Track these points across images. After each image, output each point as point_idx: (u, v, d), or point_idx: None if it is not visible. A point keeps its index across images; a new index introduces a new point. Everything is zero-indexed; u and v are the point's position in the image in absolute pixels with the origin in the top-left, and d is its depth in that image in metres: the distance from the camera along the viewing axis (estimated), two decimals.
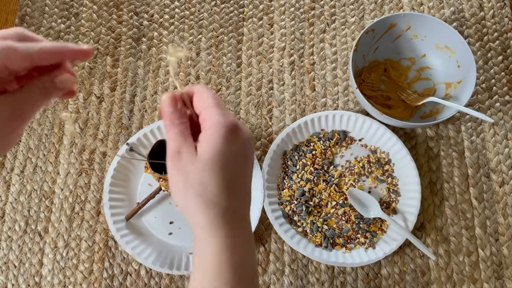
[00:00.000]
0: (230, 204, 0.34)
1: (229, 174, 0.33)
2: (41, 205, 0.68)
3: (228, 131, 0.32)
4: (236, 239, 0.35)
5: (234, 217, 0.34)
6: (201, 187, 0.33)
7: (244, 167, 0.35)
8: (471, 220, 0.66)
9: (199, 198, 0.33)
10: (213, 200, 0.33)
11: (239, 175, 0.34)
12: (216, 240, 0.34)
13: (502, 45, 0.75)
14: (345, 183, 0.67)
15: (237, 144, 0.33)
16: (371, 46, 0.71)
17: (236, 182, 0.34)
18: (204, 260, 0.35)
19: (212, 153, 0.32)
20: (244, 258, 0.35)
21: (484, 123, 0.71)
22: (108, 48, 0.76)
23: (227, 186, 0.33)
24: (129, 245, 0.62)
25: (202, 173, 0.32)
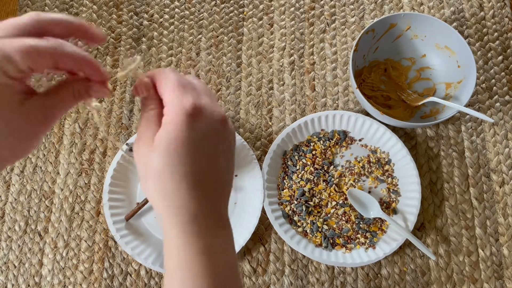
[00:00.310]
0: (189, 193, 0.31)
1: (189, 162, 0.30)
2: (41, 205, 0.68)
3: (186, 115, 0.30)
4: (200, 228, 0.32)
5: (197, 206, 0.32)
6: (158, 176, 0.30)
7: (213, 153, 0.32)
8: (471, 220, 0.66)
9: (158, 188, 0.31)
10: (170, 190, 0.31)
11: (205, 163, 0.31)
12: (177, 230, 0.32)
13: (502, 45, 0.75)
14: (345, 183, 0.67)
15: (200, 129, 0.30)
16: (371, 46, 0.71)
17: (199, 169, 0.31)
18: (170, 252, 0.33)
19: (166, 140, 0.30)
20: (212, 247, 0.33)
21: (484, 123, 0.71)
22: (108, 48, 0.76)
23: (185, 174, 0.30)
24: (129, 245, 0.62)
25: (157, 161, 0.30)
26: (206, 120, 0.31)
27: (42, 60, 0.29)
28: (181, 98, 0.30)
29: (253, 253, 0.65)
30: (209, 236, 0.33)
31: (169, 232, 0.32)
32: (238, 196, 0.67)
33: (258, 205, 0.64)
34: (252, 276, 0.64)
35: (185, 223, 0.32)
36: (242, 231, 0.64)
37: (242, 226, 0.64)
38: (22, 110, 0.29)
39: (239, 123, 0.72)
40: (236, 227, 0.64)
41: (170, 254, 0.33)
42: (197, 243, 0.32)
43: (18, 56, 0.27)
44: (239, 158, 0.67)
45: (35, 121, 0.30)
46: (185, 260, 0.32)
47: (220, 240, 0.34)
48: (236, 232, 0.64)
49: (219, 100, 0.73)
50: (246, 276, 0.64)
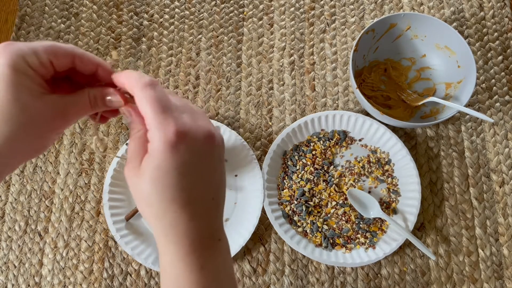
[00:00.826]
0: (178, 216, 0.32)
1: (175, 188, 0.31)
2: (41, 205, 0.68)
3: (168, 145, 0.30)
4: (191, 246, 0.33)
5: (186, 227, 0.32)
6: (147, 201, 0.32)
7: (200, 173, 0.32)
8: (471, 220, 0.66)
9: (148, 211, 0.32)
10: (160, 214, 0.32)
11: (192, 185, 0.32)
12: (170, 249, 0.33)
13: (502, 45, 0.75)
14: (345, 183, 0.67)
15: (184, 154, 0.30)
16: (371, 46, 0.71)
17: (187, 194, 0.31)
18: (164, 268, 0.34)
19: (151, 169, 0.30)
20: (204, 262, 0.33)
21: (484, 123, 0.71)
22: (108, 48, 0.76)
23: (173, 200, 0.31)
24: (129, 245, 0.62)
25: (145, 187, 0.31)
26: (190, 143, 0.31)
27: (61, 56, 0.32)
28: (163, 126, 0.30)
29: (253, 253, 0.65)
30: (202, 253, 0.33)
31: (163, 250, 0.33)
32: (238, 196, 0.67)
33: (258, 205, 0.64)
34: (252, 276, 0.64)
35: (177, 241, 0.32)
36: (242, 231, 0.64)
37: (242, 226, 0.64)
38: (39, 101, 0.31)
39: (239, 123, 0.72)
40: (236, 227, 0.64)
41: (165, 269, 0.34)
42: (190, 260, 0.33)
43: (41, 49, 0.31)
44: (239, 158, 0.67)
45: (51, 116, 0.32)
46: (179, 276, 0.33)
47: (215, 256, 0.34)
48: (236, 232, 0.64)
49: (219, 100, 0.73)
50: (246, 276, 0.64)
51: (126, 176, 0.33)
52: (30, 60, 0.31)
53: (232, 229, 0.65)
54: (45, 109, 0.32)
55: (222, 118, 0.72)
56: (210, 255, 0.34)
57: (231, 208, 0.67)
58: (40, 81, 0.32)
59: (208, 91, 0.74)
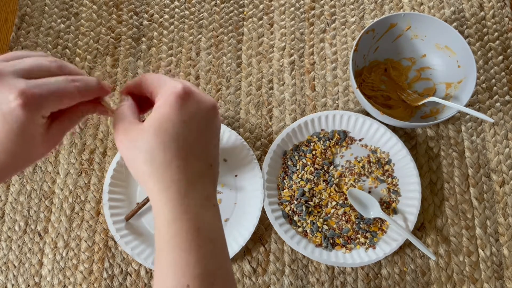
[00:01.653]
0: (181, 170, 0.32)
1: (180, 141, 0.32)
2: (41, 205, 0.68)
3: (177, 97, 0.32)
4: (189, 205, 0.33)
5: (188, 183, 0.33)
6: (149, 155, 0.32)
7: (202, 134, 0.34)
8: (471, 220, 0.66)
9: (150, 168, 0.32)
10: (162, 168, 0.32)
11: (194, 141, 0.33)
12: (167, 208, 0.33)
13: (503, 45, 0.75)
14: (345, 183, 0.67)
15: (189, 109, 0.32)
16: (371, 46, 0.71)
17: (189, 148, 0.33)
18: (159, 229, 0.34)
19: (158, 121, 0.32)
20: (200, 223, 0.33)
21: (485, 123, 0.71)
22: (108, 48, 0.76)
23: (178, 152, 0.32)
24: (129, 245, 0.62)
25: (148, 141, 0.32)
26: (196, 103, 0.33)
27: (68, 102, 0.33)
28: (172, 82, 0.32)
29: (253, 253, 0.65)
30: (199, 214, 0.34)
31: (160, 209, 0.33)
32: (238, 196, 0.67)
33: (258, 205, 0.64)
34: (252, 276, 0.64)
35: (175, 199, 0.33)
36: (242, 231, 0.64)
37: (242, 226, 0.64)
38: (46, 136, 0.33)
39: (239, 123, 0.72)
40: (236, 227, 0.64)
41: (159, 230, 0.34)
42: (186, 218, 0.33)
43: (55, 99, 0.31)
44: (239, 158, 0.67)
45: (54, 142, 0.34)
46: (174, 235, 0.33)
47: (209, 218, 0.35)
48: (236, 232, 0.64)
49: (219, 100, 0.73)
50: (246, 276, 0.64)
51: (118, 139, 0.34)
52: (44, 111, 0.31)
53: (232, 229, 0.65)
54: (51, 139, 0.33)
55: (222, 118, 0.72)
56: (206, 217, 0.34)
57: (231, 208, 0.67)
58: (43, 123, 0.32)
59: (208, 91, 0.74)
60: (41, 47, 0.76)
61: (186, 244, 0.33)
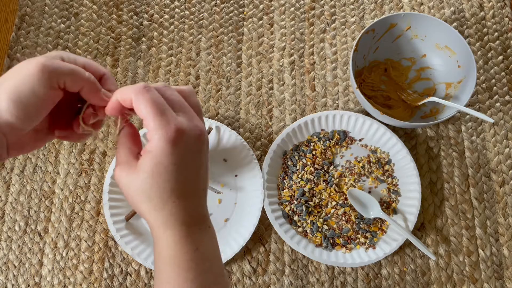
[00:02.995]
0: (178, 206, 0.35)
1: (174, 181, 0.34)
2: (41, 205, 0.68)
3: (168, 142, 0.32)
4: (187, 231, 0.36)
5: (185, 215, 0.35)
6: (146, 196, 0.34)
7: (192, 168, 0.35)
8: (471, 220, 0.66)
9: (146, 205, 0.34)
10: (160, 206, 0.34)
11: (186, 177, 0.35)
12: (167, 235, 0.35)
13: (502, 45, 0.75)
14: (345, 183, 0.67)
15: (180, 150, 0.33)
16: (371, 46, 0.71)
17: (183, 186, 0.35)
18: (160, 252, 0.36)
19: (151, 164, 0.33)
20: (197, 245, 0.36)
21: (485, 123, 0.71)
22: (108, 48, 0.76)
23: (172, 192, 0.34)
24: (129, 245, 0.62)
25: (144, 184, 0.33)
26: (186, 141, 0.34)
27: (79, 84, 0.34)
28: (163, 125, 0.33)
29: (253, 253, 0.65)
30: (196, 237, 0.36)
31: (159, 236, 0.36)
32: (238, 196, 0.67)
33: (258, 205, 0.64)
34: (252, 276, 0.64)
35: (175, 227, 0.35)
36: (242, 231, 0.64)
37: (242, 226, 0.64)
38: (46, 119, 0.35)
39: (239, 123, 0.72)
40: (236, 227, 0.64)
41: (160, 253, 0.36)
42: (185, 242, 0.35)
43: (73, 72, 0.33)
44: (239, 158, 0.67)
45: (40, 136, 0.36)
46: (174, 256, 0.35)
47: (206, 239, 0.38)
48: (236, 232, 0.64)
49: (219, 100, 0.73)
50: (246, 276, 0.64)
51: (117, 175, 0.35)
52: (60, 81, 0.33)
53: (232, 229, 0.65)
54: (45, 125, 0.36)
55: (222, 118, 0.72)
56: (202, 238, 0.37)
57: (231, 208, 0.67)
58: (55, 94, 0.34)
59: (208, 91, 0.74)
60: (41, 47, 0.76)
61: (184, 263, 0.35)
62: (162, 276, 0.36)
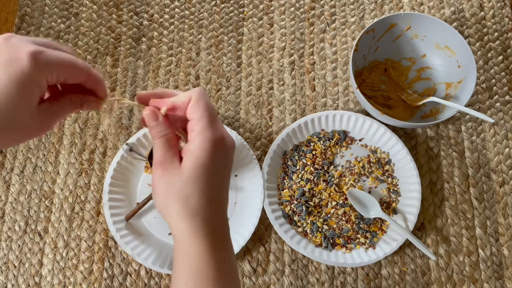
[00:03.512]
0: (212, 213, 0.35)
1: (212, 187, 0.35)
2: (41, 205, 0.68)
3: (214, 146, 0.34)
4: (217, 241, 0.36)
5: (216, 223, 0.36)
6: (184, 198, 0.34)
7: (225, 177, 0.37)
8: (471, 220, 0.66)
9: (182, 208, 0.34)
10: (196, 211, 0.35)
11: (220, 185, 0.36)
12: (199, 244, 0.35)
13: (502, 45, 0.75)
14: (345, 183, 0.67)
15: (220, 157, 0.35)
16: (372, 46, 0.71)
17: (217, 193, 0.36)
18: (188, 261, 0.36)
19: (196, 168, 0.34)
20: (225, 256, 0.37)
21: (485, 123, 0.71)
22: (108, 48, 0.76)
23: (210, 198, 0.35)
24: (129, 245, 0.62)
25: (185, 185, 0.34)
26: (225, 148, 0.35)
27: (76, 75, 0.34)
28: (211, 129, 0.34)
29: (253, 253, 0.65)
30: (223, 247, 0.37)
31: (190, 244, 0.35)
32: (238, 196, 0.67)
33: (258, 205, 0.64)
34: (252, 276, 0.64)
35: (206, 236, 0.35)
36: (242, 231, 0.64)
37: (242, 226, 0.64)
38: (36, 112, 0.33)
39: (239, 123, 0.72)
40: (236, 227, 0.64)
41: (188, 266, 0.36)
42: (217, 253, 0.36)
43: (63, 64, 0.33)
44: (239, 158, 0.67)
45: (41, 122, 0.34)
46: (204, 268, 0.35)
47: (230, 248, 0.39)
48: (236, 232, 0.64)
49: (219, 100, 0.73)
50: (246, 276, 0.64)
51: (158, 175, 0.35)
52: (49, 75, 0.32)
53: (232, 229, 0.64)
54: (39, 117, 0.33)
55: (222, 118, 0.72)
56: (229, 248, 0.38)
57: (231, 208, 0.67)
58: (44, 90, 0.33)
59: (208, 91, 0.74)
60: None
61: (214, 274, 0.35)
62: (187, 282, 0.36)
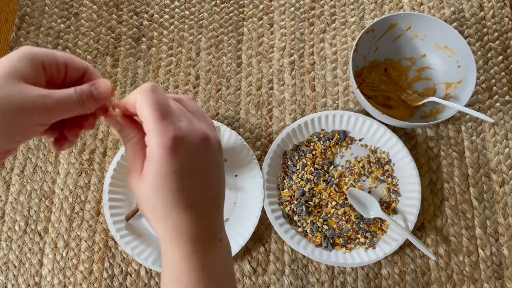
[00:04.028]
0: (183, 219, 0.33)
1: (175, 191, 0.32)
2: (41, 205, 0.68)
3: (166, 149, 0.30)
4: (193, 246, 0.34)
5: (190, 229, 0.33)
6: (151, 205, 0.32)
7: (197, 176, 0.33)
8: (471, 220, 0.66)
9: (153, 214, 0.33)
10: (164, 217, 0.33)
11: (191, 187, 0.33)
12: (173, 249, 0.34)
13: (502, 45, 0.75)
14: (345, 183, 0.67)
15: (180, 158, 0.31)
16: (371, 46, 0.71)
17: (187, 195, 0.32)
18: (166, 268, 0.34)
19: (154, 174, 0.31)
20: (204, 262, 0.34)
21: (484, 123, 0.71)
22: (108, 48, 0.76)
23: (175, 202, 0.32)
24: (129, 245, 0.62)
25: (149, 192, 0.32)
26: (187, 147, 0.32)
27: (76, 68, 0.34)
28: (161, 131, 0.30)
29: (253, 253, 0.65)
30: (204, 253, 0.34)
31: (165, 250, 0.34)
32: (238, 196, 0.67)
33: (258, 205, 0.64)
34: (252, 276, 0.64)
35: (179, 242, 0.33)
36: (242, 231, 0.64)
37: (242, 226, 0.64)
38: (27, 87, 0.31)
39: (239, 123, 0.72)
40: (236, 227, 0.64)
41: (165, 270, 0.35)
42: (191, 260, 0.34)
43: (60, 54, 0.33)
44: (239, 158, 0.67)
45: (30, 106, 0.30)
46: (181, 276, 0.34)
47: (216, 256, 0.35)
48: (236, 232, 0.64)
49: (219, 100, 0.73)
50: (246, 276, 0.64)
51: (130, 183, 0.34)
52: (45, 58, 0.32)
53: (232, 229, 0.65)
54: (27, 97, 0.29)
55: (222, 118, 0.72)
56: (211, 255, 0.35)
57: (231, 208, 0.67)
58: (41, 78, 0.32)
59: (208, 91, 0.74)
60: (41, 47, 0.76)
61: (190, 283, 0.33)
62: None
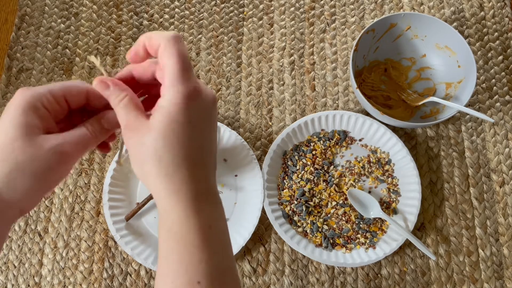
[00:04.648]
0: (192, 175, 0.32)
1: (189, 145, 0.31)
2: (41, 205, 0.68)
3: (188, 98, 0.30)
4: (201, 205, 0.33)
5: (198, 187, 0.32)
6: (158, 157, 0.31)
7: (205, 137, 0.33)
8: (472, 220, 0.66)
9: (157, 169, 0.31)
10: (171, 171, 0.31)
11: (200, 145, 0.32)
12: (180, 208, 0.32)
13: (503, 45, 0.75)
14: (345, 183, 0.67)
15: (196, 109, 0.31)
16: (372, 46, 0.71)
17: (197, 153, 0.32)
18: (169, 228, 0.33)
19: (168, 123, 0.30)
20: (211, 221, 0.33)
21: (485, 123, 0.71)
22: (108, 48, 0.76)
23: (187, 158, 0.31)
24: (129, 245, 0.62)
25: (156, 142, 0.30)
26: (201, 102, 0.32)
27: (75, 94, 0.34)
28: (183, 81, 0.30)
29: (253, 253, 0.65)
30: (208, 211, 0.33)
31: (170, 209, 0.32)
32: (238, 196, 0.67)
33: (258, 205, 0.64)
34: (252, 276, 0.64)
35: (186, 199, 0.32)
36: (242, 231, 0.64)
37: (242, 226, 0.64)
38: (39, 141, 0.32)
39: (239, 123, 0.72)
40: (236, 227, 0.64)
41: (170, 229, 0.33)
42: (199, 218, 0.32)
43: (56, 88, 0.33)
44: (239, 158, 0.67)
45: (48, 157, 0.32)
46: (187, 233, 0.32)
47: (217, 215, 0.35)
48: (236, 232, 0.64)
49: (219, 100, 0.73)
50: (246, 276, 0.64)
51: (126, 137, 0.32)
52: (45, 100, 0.32)
53: (232, 229, 0.65)
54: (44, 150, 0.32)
55: (222, 118, 0.72)
56: (215, 215, 0.34)
57: (231, 208, 0.67)
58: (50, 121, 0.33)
59: None
60: (41, 47, 0.76)
61: (199, 241, 0.32)
62: (171, 256, 0.32)
